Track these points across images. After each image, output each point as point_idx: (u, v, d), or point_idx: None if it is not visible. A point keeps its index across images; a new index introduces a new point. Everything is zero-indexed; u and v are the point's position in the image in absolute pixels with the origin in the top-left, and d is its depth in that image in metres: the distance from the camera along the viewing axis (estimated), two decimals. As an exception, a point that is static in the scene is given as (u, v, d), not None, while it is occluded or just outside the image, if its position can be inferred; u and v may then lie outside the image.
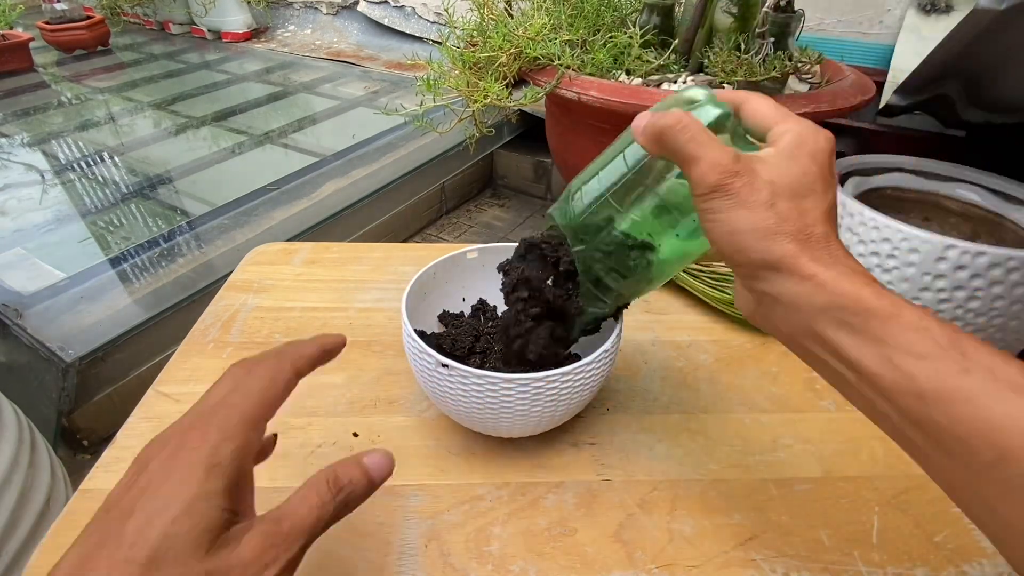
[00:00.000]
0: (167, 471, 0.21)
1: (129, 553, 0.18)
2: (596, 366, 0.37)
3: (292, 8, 2.63)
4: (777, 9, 0.86)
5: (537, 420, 0.38)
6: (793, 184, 0.24)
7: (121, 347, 0.89)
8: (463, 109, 0.96)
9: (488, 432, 0.41)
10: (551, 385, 0.36)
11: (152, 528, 0.19)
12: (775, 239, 0.24)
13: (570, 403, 0.38)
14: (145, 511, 0.19)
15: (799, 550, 0.36)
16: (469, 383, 0.36)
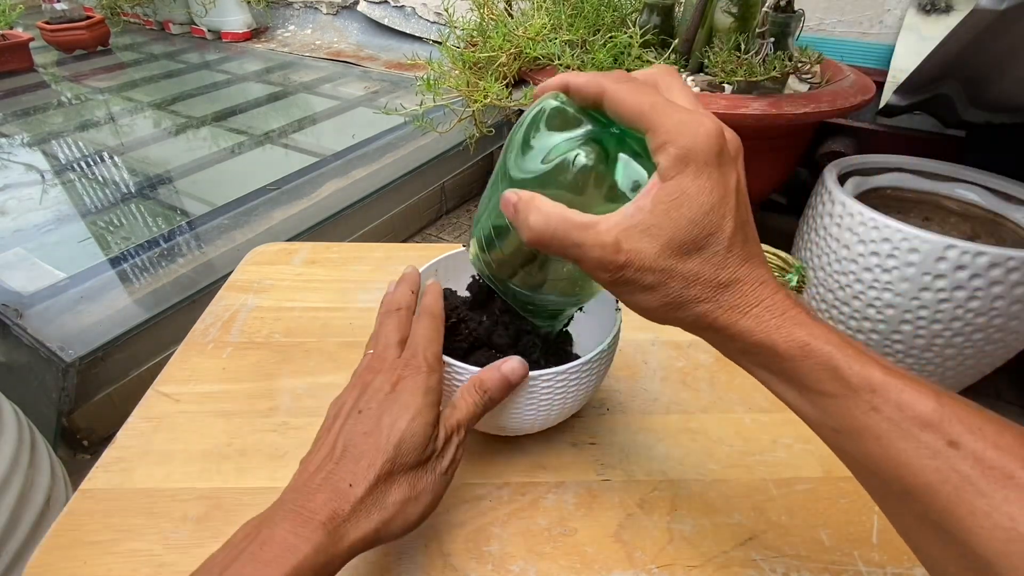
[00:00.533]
0: (399, 390, 0.30)
1: (386, 440, 0.28)
2: (594, 365, 0.37)
3: (292, 8, 2.63)
4: (777, 9, 0.86)
5: (535, 419, 0.38)
6: (685, 239, 0.23)
7: (121, 347, 0.89)
8: (463, 109, 0.96)
9: (487, 431, 0.41)
10: (547, 384, 0.36)
11: (399, 423, 0.28)
12: (684, 308, 0.24)
13: (567, 402, 0.38)
14: (393, 413, 0.29)
15: (799, 550, 0.36)
16: (466, 381, 0.36)
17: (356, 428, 0.29)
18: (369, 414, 0.29)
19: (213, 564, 0.24)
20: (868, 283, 0.84)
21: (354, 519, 0.26)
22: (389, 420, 0.29)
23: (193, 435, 0.43)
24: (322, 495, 0.26)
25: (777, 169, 0.99)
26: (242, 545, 0.25)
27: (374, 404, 0.30)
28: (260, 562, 0.24)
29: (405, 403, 0.29)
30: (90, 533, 0.36)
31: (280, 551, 0.24)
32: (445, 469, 0.30)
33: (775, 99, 0.82)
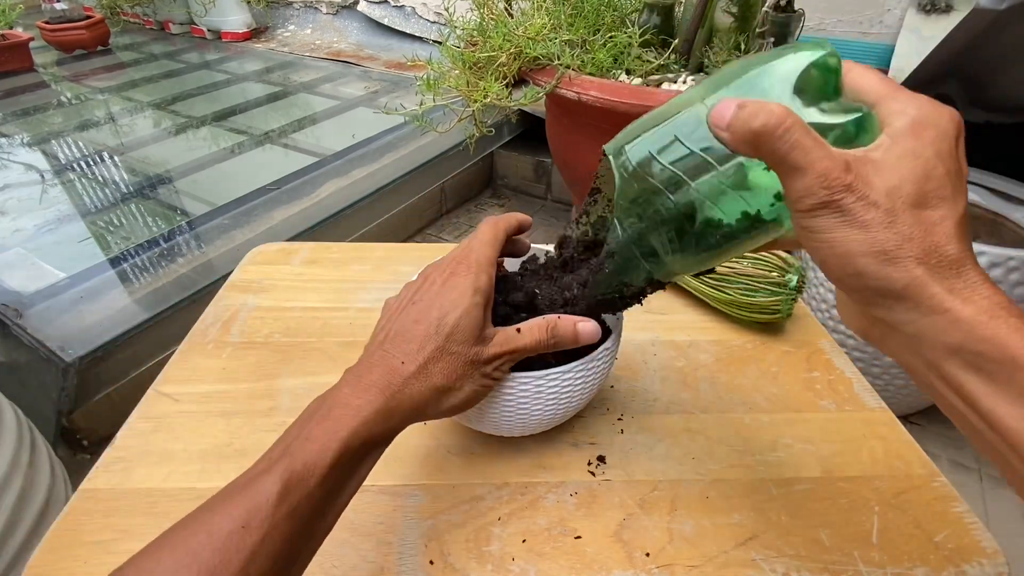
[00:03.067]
0: (449, 287, 0.32)
1: (437, 330, 0.30)
2: (595, 365, 0.37)
3: (292, 8, 2.63)
4: (777, 9, 0.86)
5: (537, 419, 0.38)
6: (917, 192, 0.20)
7: (121, 347, 0.89)
8: (463, 109, 0.96)
9: (488, 431, 0.41)
10: (551, 384, 0.36)
11: (448, 317, 0.31)
12: (898, 264, 0.20)
13: (570, 402, 0.38)
14: (442, 307, 0.31)
15: (799, 550, 0.36)
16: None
17: (408, 316, 0.32)
18: (421, 305, 0.32)
19: (288, 435, 0.27)
20: (868, 283, 0.84)
21: (406, 390, 0.29)
22: (439, 312, 0.31)
23: (193, 435, 0.43)
24: (378, 370, 0.30)
25: (777, 169, 0.99)
26: (311, 412, 0.28)
27: (427, 297, 0.32)
28: (330, 421, 0.27)
29: (455, 300, 0.31)
30: (90, 533, 0.36)
31: (346, 410, 0.28)
32: (486, 376, 0.32)
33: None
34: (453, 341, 0.30)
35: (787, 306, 0.52)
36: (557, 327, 0.34)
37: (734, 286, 0.54)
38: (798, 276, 0.52)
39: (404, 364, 0.30)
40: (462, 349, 0.31)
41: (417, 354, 0.30)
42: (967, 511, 0.39)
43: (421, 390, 0.30)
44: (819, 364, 0.51)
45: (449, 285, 0.32)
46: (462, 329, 0.31)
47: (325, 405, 0.28)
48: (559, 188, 1.66)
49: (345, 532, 0.36)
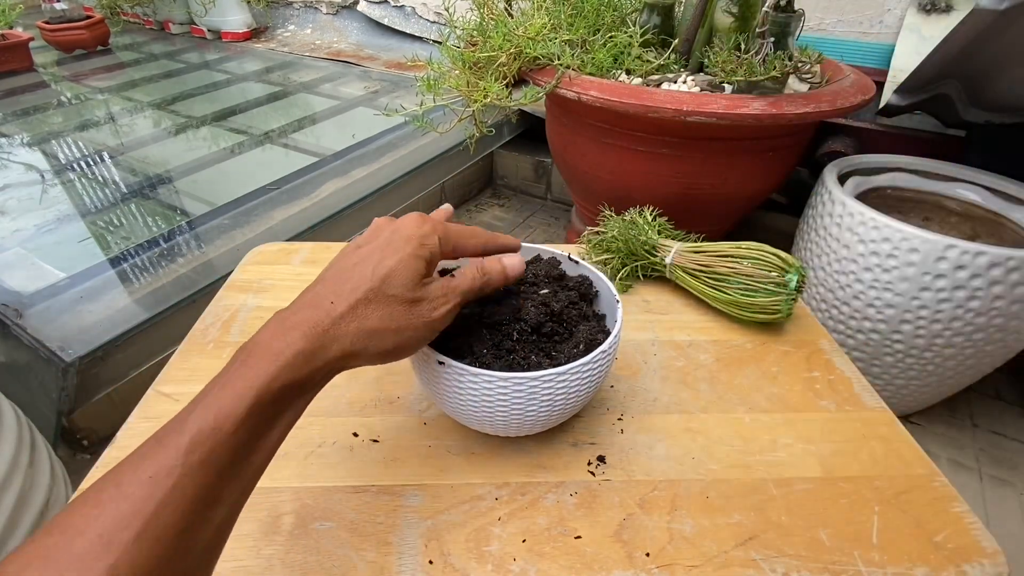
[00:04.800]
0: (395, 239, 0.32)
1: (373, 272, 0.31)
2: (594, 366, 0.37)
3: (292, 8, 2.63)
4: (777, 9, 0.86)
5: (535, 419, 0.38)
6: None
7: (121, 347, 0.89)
8: (463, 109, 0.96)
9: (487, 431, 0.41)
10: (547, 384, 0.36)
11: (387, 261, 0.31)
12: None
13: (567, 402, 0.38)
14: (383, 254, 0.31)
15: (799, 550, 0.36)
16: (465, 381, 0.36)
17: (348, 259, 0.32)
18: (363, 251, 0.32)
19: (211, 383, 0.26)
20: (868, 283, 0.84)
21: (333, 331, 0.29)
22: (379, 256, 0.31)
23: (193, 435, 0.42)
24: (305, 310, 0.29)
25: (777, 169, 0.99)
26: (233, 358, 0.27)
27: (371, 245, 0.32)
28: (248, 367, 0.26)
29: (397, 246, 0.32)
30: (90, 533, 0.36)
31: (264, 355, 0.27)
32: (431, 319, 0.32)
33: (775, 99, 0.82)
34: (389, 284, 0.30)
35: (787, 306, 0.52)
36: (484, 265, 0.36)
37: (734, 286, 0.53)
38: (798, 276, 0.52)
39: (334, 304, 0.29)
40: (399, 292, 0.31)
41: (350, 295, 0.30)
42: (967, 511, 0.39)
43: (350, 331, 0.29)
44: (819, 364, 0.51)
45: (396, 235, 0.32)
46: (399, 273, 0.31)
47: (245, 350, 0.27)
48: (559, 188, 1.66)
49: (345, 532, 0.36)
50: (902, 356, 0.86)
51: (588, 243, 0.64)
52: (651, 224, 0.62)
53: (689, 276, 0.57)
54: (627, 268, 0.61)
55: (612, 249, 0.62)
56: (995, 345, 0.82)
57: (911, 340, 0.84)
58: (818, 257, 0.92)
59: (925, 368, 0.87)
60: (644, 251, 0.60)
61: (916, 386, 0.91)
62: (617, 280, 0.61)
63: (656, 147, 0.92)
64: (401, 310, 0.31)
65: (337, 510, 0.38)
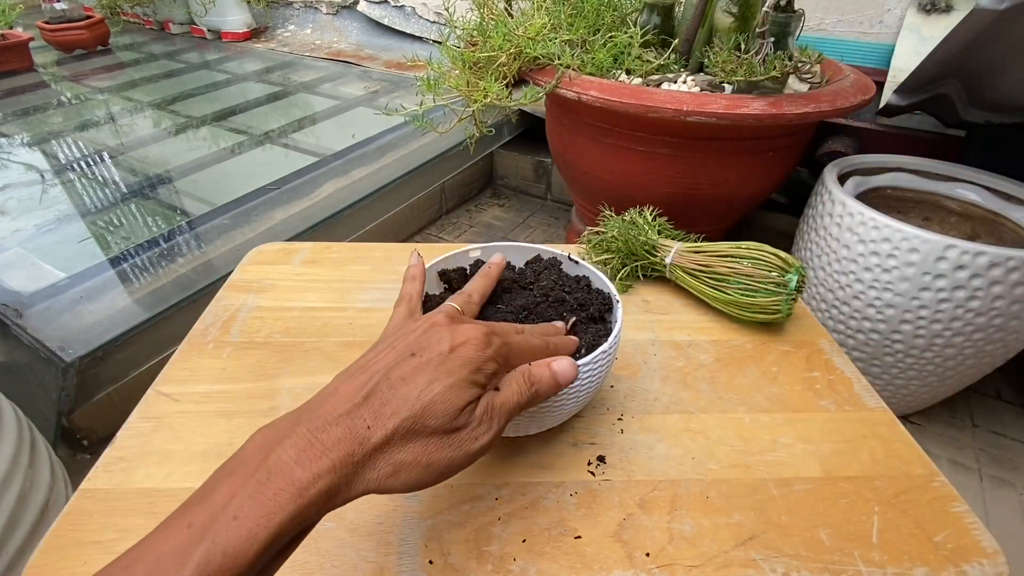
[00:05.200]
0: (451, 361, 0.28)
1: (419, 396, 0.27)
2: (594, 366, 0.37)
3: (292, 8, 2.63)
4: (777, 9, 0.86)
5: (535, 419, 0.38)
6: None
7: (121, 347, 0.89)
8: (463, 109, 0.96)
9: None
10: None
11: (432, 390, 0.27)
12: None
13: (567, 403, 0.38)
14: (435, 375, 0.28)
15: (799, 550, 0.36)
16: None
17: (397, 370, 0.28)
18: (416, 364, 0.28)
19: (218, 483, 0.24)
20: (868, 283, 0.84)
21: (364, 464, 0.25)
22: (429, 377, 0.27)
23: (193, 435, 0.43)
24: (339, 429, 0.25)
25: (777, 169, 0.99)
26: (251, 467, 0.24)
27: (426, 357, 0.28)
28: (264, 496, 0.23)
29: (451, 369, 0.28)
30: (90, 533, 0.36)
31: (285, 484, 0.23)
32: (471, 451, 0.28)
33: (775, 99, 0.82)
34: (431, 413, 0.27)
35: (787, 306, 0.52)
36: (533, 375, 0.32)
37: (734, 286, 0.54)
38: (798, 276, 0.52)
39: (370, 429, 0.26)
40: (440, 423, 0.27)
41: (389, 419, 0.26)
42: (967, 511, 0.39)
43: (378, 466, 0.26)
44: (819, 364, 0.51)
45: (455, 356, 0.28)
46: (446, 401, 0.27)
47: (265, 466, 0.24)
48: (559, 188, 1.66)
49: (345, 532, 0.36)
50: (902, 356, 0.86)
51: (588, 243, 0.64)
52: (651, 224, 0.62)
53: (689, 276, 0.57)
54: (627, 268, 0.61)
55: (612, 249, 0.62)
56: (995, 345, 0.82)
57: (911, 340, 0.84)
58: (818, 257, 0.92)
59: (925, 368, 0.87)
60: (644, 251, 0.60)
61: (916, 386, 0.91)
62: (617, 280, 0.61)
63: (656, 147, 0.92)
64: (436, 442, 0.27)
65: (337, 510, 0.38)
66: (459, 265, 0.47)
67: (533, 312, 0.41)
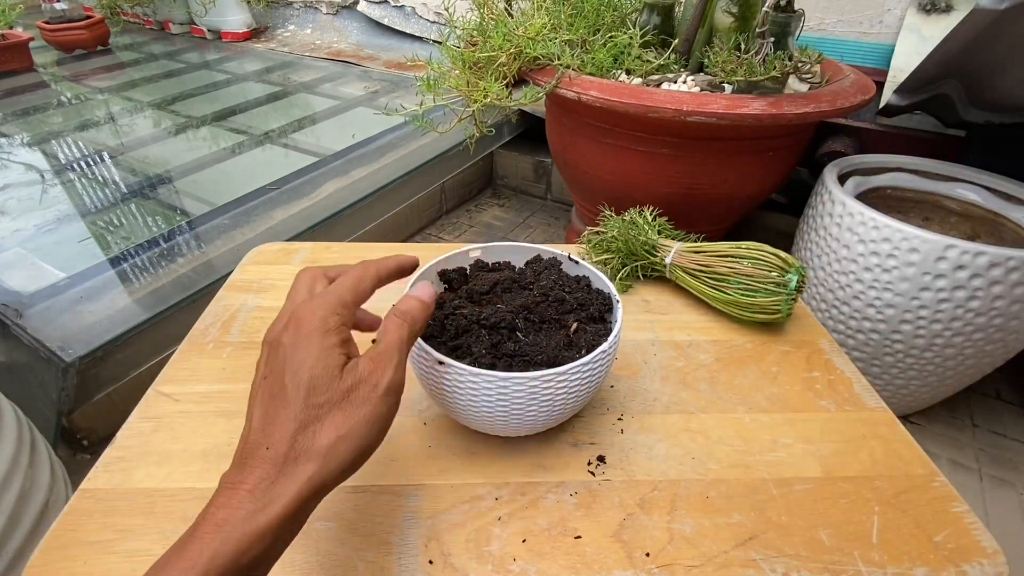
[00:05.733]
0: (295, 340, 0.29)
1: (293, 394, 0.27)
2: (594, 366, 0.37)
3: (292, 8, 2.63)
4: (777, 9, 0.86)
5: (535, 419, 0.38)
6: None
7: (121, 347, 0.89)
8: (463, 109, 0.96)
9: (486, 431, 0.41)
10: (548, 384, 0.36)
11: (301, 375, 0.27)
12: None
13: (567, 402, 0.38)
14: (293, 368, 0.28)
15: (799, 550, 0.36)
16: (465, 381, 0.36)
17: (264, 395, 0.28)
18: (273, 377, 0.28)
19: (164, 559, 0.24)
20: (868, 283, 0.84)
21: (283, 478, 0.26)
22: (291, 374, 0.27)
23: (193, 435, 0.43)
24: (249, 464, 0.26)
25: (777, 169, 0.99)
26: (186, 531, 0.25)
27: (277, 364, 0.28)
28: (196, 540, 0.24)
29: (306, 348, 0.28)
30: (90, 533, 0.36)
31: (211, 527, 0.24)
32: (379, 395, 0.28)
33: (775, 99, 0.82)
34: (315, 393, 0.27)
35: (787, 306, 0.52)
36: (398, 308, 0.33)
37: (734, 286, 0.54)
38: (798, 276, 0.52)
39: (269, 449, 0.26)
40: (329, 395, 0.27)
41: (282, 431, 0.26)
42: (967, 511, 0.39)
43: (301, 468, 0.26)
44: (819, 364, 0.51)
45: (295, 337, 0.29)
46: (316, 376, 0.27)
47: (195, 522, 0.25)
48: (559, 188, 1.66)
49: (345, 532, 0.36)
50: (902, 356, 0.86)
51: (588, 243, 0.64)
52: (651, 224, 0.62)
53: (689, 276, 0.57)
54: (627, 268, 0.61)
55: (612, 249, 0.62)
56: (995, 345, 0.82)
57: (911, 340, 0.84)
58: (818, 257, 0.92)
59: (925, 368, 0.87)
60: (644, 251, 0.60)
61: (916, 386, 0.91)
62: (617, 280, 0.61)
63: (656, 147, 0.92)
64: (341, 410, 0.27)
65: (337, 510, 0.38)
66: (459, 265, 0.47)
67: (533, 311, 0.41)
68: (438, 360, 0.36)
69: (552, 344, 0.39)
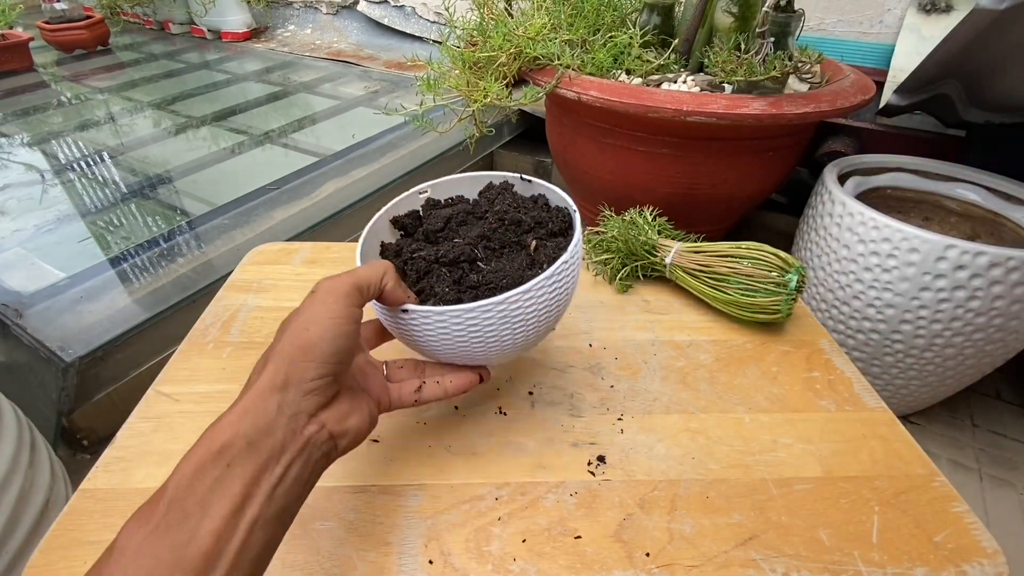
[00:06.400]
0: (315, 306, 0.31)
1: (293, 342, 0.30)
2: (559, 277, 0.36)
3: (292, 8, 2.63)
4: (777, 9, 0.86)
5: (512, 343, 0.37)
6: None
7: (121, 347, 0.89)
8: (463, 109, 0.96)
9: (468, 363, 0.40)
10: (515, 305, 0.35)
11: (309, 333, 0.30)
12: None
13: (540, 319, 0.37)
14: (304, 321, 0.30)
15: (799, 550, 0.36)
16: (433, 322, 0.35)
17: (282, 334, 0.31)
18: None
19: None
20: (868, 283, 0.84)
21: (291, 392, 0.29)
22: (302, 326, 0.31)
23: (193, 435, 0.42)
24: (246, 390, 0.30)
25: (777, 169, 0.99)
26: None
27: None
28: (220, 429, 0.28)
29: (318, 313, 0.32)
30: (90, 533, 0.36)
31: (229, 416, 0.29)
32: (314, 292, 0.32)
33: (775, 99, 0.82)
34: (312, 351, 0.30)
35: (787, 306, 0.52)
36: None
37: (734, 286, 0.53)
38: (798, 276, 0.52)
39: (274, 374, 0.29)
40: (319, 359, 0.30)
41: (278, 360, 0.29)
42: (967, 511, 0.39)
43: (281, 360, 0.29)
44: (819, 364, 0.51)
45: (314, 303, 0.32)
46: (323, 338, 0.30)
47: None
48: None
49: (345, 532, 0.36)
50: (902, 356, 0.86)
51: (588, 243, 0.64)
52: (651, 224, 0.62)
53: (689, 276, 0.57)
54: (627, 268, 0.61)
55: (612, 249, 0.62)
56: (995, 345, 0.82)
57: (911, 340, 0.84)
58: (818, 257, 0.92)
59: (925, 368, 0.87)
60: (644, 251, 0.60)
61: (916, 386, 0.91)
62: (617, 280, 0.61)
63: (656, 147, 0.92)
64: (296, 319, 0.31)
65: (337, 510, 0.38)
66: (410, 208, 0.46)
67: (492, 239, 0.41)
68: (402, 309, 0.36)
69: (515, 267, 0.39)
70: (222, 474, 0.25)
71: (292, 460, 0.27)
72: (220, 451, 0.26)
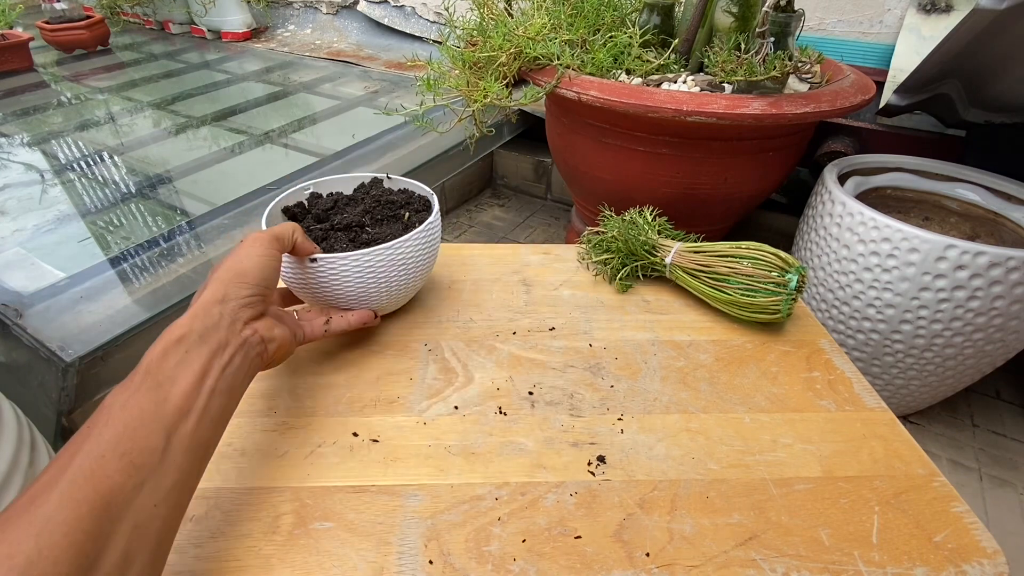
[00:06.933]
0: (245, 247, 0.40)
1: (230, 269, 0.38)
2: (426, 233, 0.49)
3: (292, 8, 2.63)
4: (777, 9, 0.86)
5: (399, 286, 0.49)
6: None
7: (121, 347, 0.89)
8: (463, 109, 0.96)
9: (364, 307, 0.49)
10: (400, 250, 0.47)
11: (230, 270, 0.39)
12: None
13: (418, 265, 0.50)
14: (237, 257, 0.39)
15: (799, 550, 0.36)
16: (337, 266, 0.45)
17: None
18: None
19: None
20: (868, 283, 0.84)
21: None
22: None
23: (193, 435, 0.42)
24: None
25: (777, 169, 0.99)
26: None
27: None
28: None
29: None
30: (90, 533, 0.36)
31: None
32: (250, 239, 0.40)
33: (775, 99, 0.82)
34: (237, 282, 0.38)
35: (787, 306, 0.52)
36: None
37: (734, 286, 0.53)
38: (798, 276, 0.52)
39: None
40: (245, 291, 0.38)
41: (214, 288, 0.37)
42: (967, 511, 0.39)
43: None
44: (819, 364, 0.51)
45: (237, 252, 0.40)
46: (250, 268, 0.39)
47: None
48: (559, 188, 1.66)
49: (345, 532, 0.36)
50: (902, 356, 0.86)
51: (588, 243, 0.64)
52: (651, 224, 0.62)
53: (689, 276, 0.57)
54: (627, 268, 0.61)
55: (612, 249, 0.62)
56: (995, 345, 0.82)
57: (911, 340, 0.84)
58: (818, 257, 0.92)
59: (925, 368, 0.87)
60: (644, 251, 0.60)
61: (916, 386, 0.91)
62: (617, 280, 0.61)
63: (656, 147, 0.92)
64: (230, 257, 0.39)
65: (337, 510, 0.38)
66: (297, 200, 0.55)
67: (373, 213, 0.53)
68: (310, 259, 0.44)
69: (395, 230, 0.51)
70: (183, 356, 0.32)
71: (235, 352, 0.35)
72: (179, 340, 0.33)
